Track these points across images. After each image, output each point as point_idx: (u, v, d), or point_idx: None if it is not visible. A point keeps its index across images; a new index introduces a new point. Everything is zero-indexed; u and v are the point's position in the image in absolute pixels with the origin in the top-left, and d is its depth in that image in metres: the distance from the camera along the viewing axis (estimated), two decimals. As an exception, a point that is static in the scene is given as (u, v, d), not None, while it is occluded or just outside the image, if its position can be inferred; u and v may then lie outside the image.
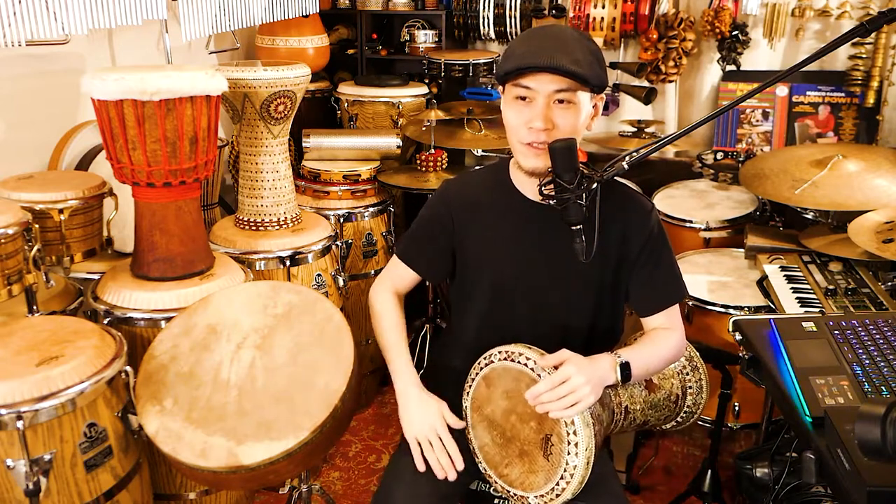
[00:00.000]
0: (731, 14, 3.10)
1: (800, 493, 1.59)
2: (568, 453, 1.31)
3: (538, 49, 1.37)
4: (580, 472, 1.30)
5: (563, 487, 1.31)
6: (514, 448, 1.40)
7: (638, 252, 1.54)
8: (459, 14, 3.51)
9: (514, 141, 1.46)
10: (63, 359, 1.56)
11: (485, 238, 1.57)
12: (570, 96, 1.38)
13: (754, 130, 3.22)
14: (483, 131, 2.97)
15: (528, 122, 1.40)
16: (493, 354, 1.43)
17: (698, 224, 2.73)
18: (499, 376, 1.42)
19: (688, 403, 1.67)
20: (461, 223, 1.59)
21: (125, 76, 1.77)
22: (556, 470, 1.32)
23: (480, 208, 1.58)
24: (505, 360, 1.40)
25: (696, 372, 1.67)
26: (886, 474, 0.98)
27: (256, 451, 1.47)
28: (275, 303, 1.75)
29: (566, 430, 1.31)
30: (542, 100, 1.38)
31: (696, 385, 1.67)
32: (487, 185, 1.60)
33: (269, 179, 2.44)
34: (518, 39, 1.46)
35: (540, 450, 1.35)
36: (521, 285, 1.56)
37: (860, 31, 1.36)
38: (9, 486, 1.50)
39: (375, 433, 2.77)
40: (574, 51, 1.36)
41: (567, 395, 1.31)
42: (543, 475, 1.35)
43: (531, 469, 1.37)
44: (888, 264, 2.06)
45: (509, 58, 1.41)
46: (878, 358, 1.31)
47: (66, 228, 1.92)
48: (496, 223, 1.56)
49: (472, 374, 1.47)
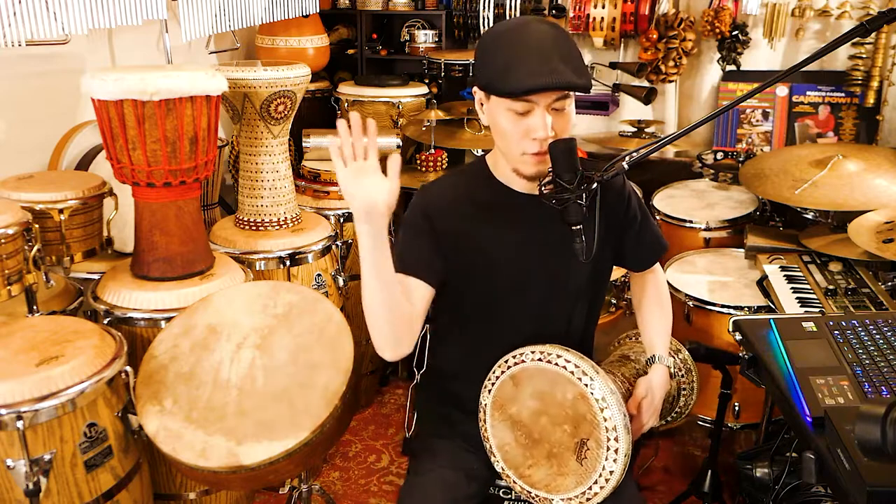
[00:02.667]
0: (731, 14, 3.10)
1: (800, 493, 1.59)
2: (606, 458, 1.30)
3: (538, 64, 1.32)
4: (616, 477, 1.30)
5: (596, 492, 1.31)
6: (542, 450, 1.38)
7: (622, 218, 1.57)
8: (459, 14, 3.51)
9: (514, 151, 1.41)
10: (63, 359, 1.56)
11: (481, 237, 1.53)
12: (564, 103, 1.38)
13: (754, 130, 3.22)
14: (483, 131, 2.97)
15: (530, 132, 1.37)
16: (524, 353, 1.39)
17: (698, 224, 2.73)
18: (530, 377, 1.38)
19: (680, 404, 1.67)
20: (449, 229, 1.51)
21: (125, 76, 1.77)
22: (589, 474, 1.32)
23: (470, 210, 1.52)
24: (539, 361, 1.37)
25: (690, 374, 1.68)
26: (886, 474, 0.98)
27: (256, 451, 1.47)
28: (275, 303, 1.75)
29: (606, 435, 1.30)
30: (542, 109, 1.36)
31: (689, 387, 1.68)
32: (471, 186, 1.54)
33: (269, 179, 2.44)
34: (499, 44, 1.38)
35: (573, 453, 1.34)
36: (521, 277, 1.53)
37: (860, 31, 1.36)
38: (9, 486, 1.50)
39: (375, 433, 2.77)
40: (568, 56, 1.34)
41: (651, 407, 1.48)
42: (574, 478, 1.34)
43: (560, 472, 1.35)
44: (888, 264, 2.05)
45: (502, 73, 1.34)
46: (878, 358, 1.31)
47: (66, 228, 1.92)
48: (491, 220, 1.52)
49: (496, 370, 1.42)
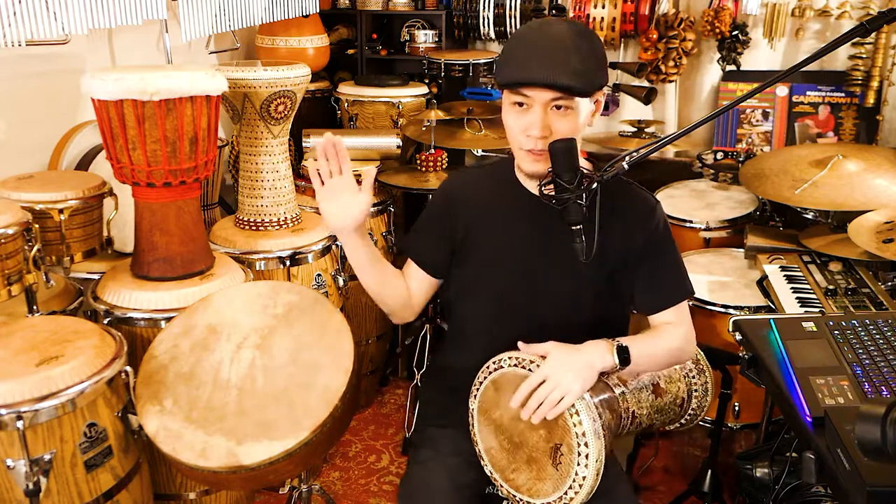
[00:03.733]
0: (731, 14, 3.11)
1: (800, 493, 1.59)
2: (578, 464, 1.30)
3: (536, 60, 1.34)
4: (589, 482, 1.30)
5: (572, 497, 1.31)
6: (522, 454, 1.39)
7: (642, 247, 1.51)
8: (459, 14, 3.51)
9: (514, 145, 1.45)
10: (63, 359, 1.56)
11: (493, 235, 1.55)
12: (567, 102, 1.37)
13: (754, 130, 3.22)
14: (483, 131, 2.97)
15: (526, 129, 1.39)
16: (503, 360, 1.41)
17: (698, 224, 2.73)
18: (508, 382, 1.40)
19: (692, 406, 1.66)
20: (464, 220, 1.56)
21: (125, 76, 1.77)
22: (564, 479, 1.32)
23: (486, 205, 1.56)
24: (516, 367, 1.38)
25: (703, 375, 1.66)
26: (886, 474, 0.98)
27: (256, 451, 1.47)
28: (275, 303, 1.75)
29: (576, 440, 1.30)
30: (539, 108, 1.37)
31: (701, 388, 1.66)
32: (492, 182, 1.59)
33: (269, 179, 2.43)
34: (516, 39, 1.42)
35: (549, 458, 1.35)
36: (528, 280, 1.54)
37: (860, 31, 1.36)
38: (9, 486, 1.50)
39: (375, 433, 2.77)
40: (572, 59, 1.33)
41: (550, 392, 1.31)
42: (552, 483, 1.34)
43: (539, 476, 1.36)
44: (888, 264, 2.06)
45: (507, 64, 1.39)
46: (878, 358, 1.31)
47: (66, 228, 1.91)
48: (504, 219, 1.54)
49: (480, 376, 1.45)
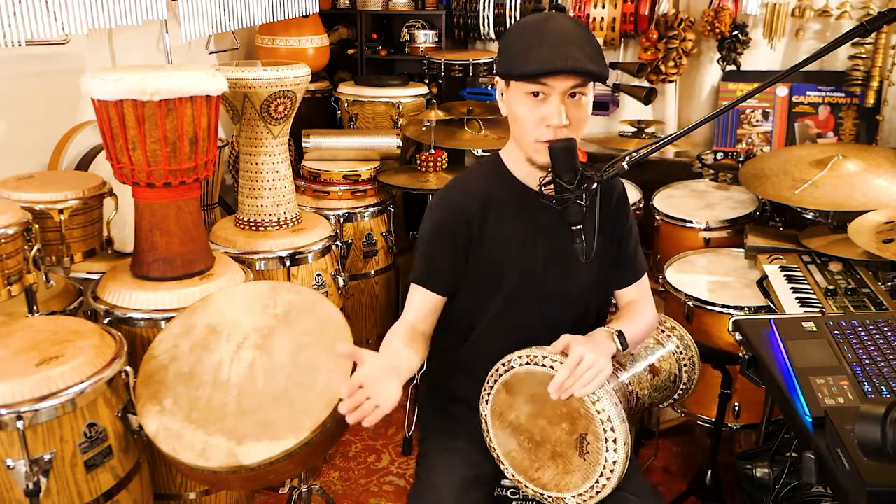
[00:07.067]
0: (731, 14, 3.11)
1: (800, 493, 1.59)
2: (606, 450, 1.30)
3: (556, 49, 1.35)
4: (619, 467, 1.30)
5: (604, 484, 1.32)
6: (545, 451, 1.39)
7: (617, 229, 1.56)
8: (459, 14, 3.51)
9: (528, 138, 1.42)
10: (63, 359, 1.56)
11: (501, 235, 1.52)
12: (583, 90, 1.39)
13: (754, 130, 3.22)
14: (483, 131, 2.97)
15: (545, 119, 1.38)
16: (512, 360, 1.40)
17: (698, 224, 2.73)
18: (521, 381, 1.39)
19: (683, 381, 1.69)
20: (475, 226, 1.52)
21: (125, 76, 1.77)
22: (594, 468, 1.32)
23: (491, 206, 1.53)
24: (527, 365, 1.38)
25: (689, 349, 1.70)
26: (886, 474, 0.98)
27: (257, 451, 1.47)
28: (275, 303, 1.75)
29: (602, 427, 1.30)
30: (558, 97, 1.37)
31: (689, 362, 1.69)
32: (490, 182, 1.56)
33: (269, 179, 2.44)
34: (521, 32, 1.41)
35: (575, 450, 1.35)
36: (538, 275, 1.53)
37: (860, 31, 1.36)
38: (9, 486, 1.50)
39: (375, 433, 2.77)
40: (586, 47, 1.36)
41: (586, 372, 1.32)
42: (580, 474, 1.34)
43: (566, 470, 1.36)
44: (888, 264, 2.05)
45: (520, 55, 1.38)
46: (878, 358, 1.31)
47: (66, 228, 1.91)
48: (509, 217, 1.53)
49: (489, 381, 1.43)
